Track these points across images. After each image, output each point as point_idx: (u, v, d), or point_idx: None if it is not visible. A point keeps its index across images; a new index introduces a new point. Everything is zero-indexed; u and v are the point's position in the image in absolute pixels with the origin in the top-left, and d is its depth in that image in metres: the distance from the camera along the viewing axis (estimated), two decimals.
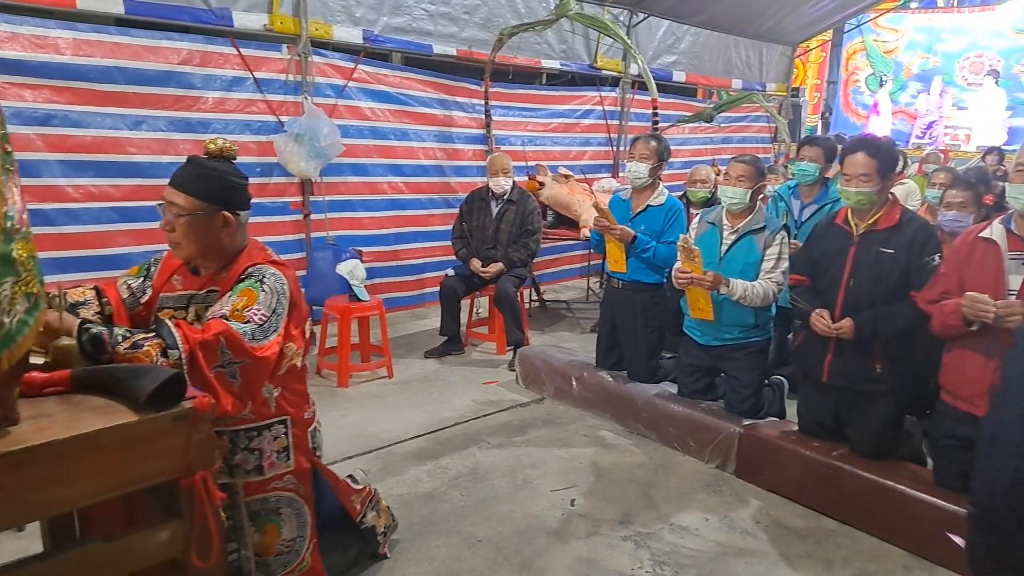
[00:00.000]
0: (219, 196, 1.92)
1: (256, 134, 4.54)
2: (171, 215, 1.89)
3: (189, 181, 1.90)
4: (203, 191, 1.90)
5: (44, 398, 1.46)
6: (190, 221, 1.89)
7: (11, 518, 1.29)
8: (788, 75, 8.97)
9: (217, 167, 1.95)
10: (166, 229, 1.92)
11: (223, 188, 1.94)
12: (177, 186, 1.90)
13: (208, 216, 1.91)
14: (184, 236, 1.90)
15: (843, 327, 2.79)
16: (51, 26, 3.72)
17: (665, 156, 3.75)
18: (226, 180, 1.95)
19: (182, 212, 1.88)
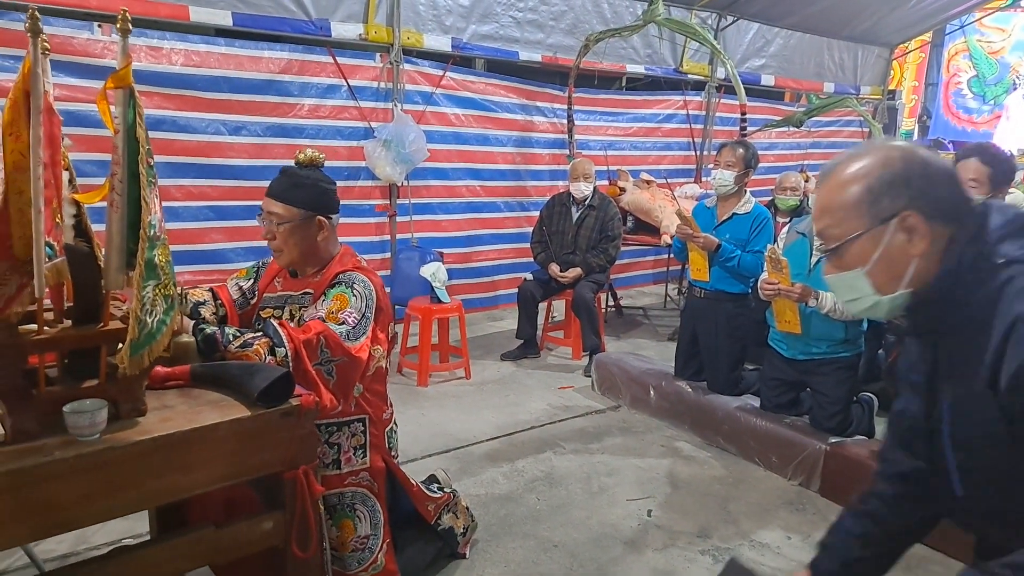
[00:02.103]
0: (313, 202, 2.03)
1: (347, 139, 4.72)
2: (271, 224, 2.01)
3: (285, 190, 2.01)
4: (299, 199, 2.01)
5: (166, 391, 1.58)
6: (289, 228, 2.00)
7: (137, 502, 1.41)
8: (884, 78, 8.59)
9: (309, 175, 2.06)
10: (267, 238, 2.03)
11: (316, 195, 2.05)
12: (275, 196, 2.02)
13: (305, 222, 2.01)
14: (284, 243, 2.01)
15: None
16: (167, 38, 3.98)
17: (752, 164, 3.68)
18: (318, 187, 2.06)
19: (282, 220, 1.99)
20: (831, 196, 1.13)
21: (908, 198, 1.08)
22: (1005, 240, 1.06)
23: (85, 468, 1.30)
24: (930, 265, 1.10)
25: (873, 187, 1.09)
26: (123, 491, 1.35)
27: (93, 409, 1.32)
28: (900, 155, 1.10)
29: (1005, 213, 1.10)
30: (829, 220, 1.14)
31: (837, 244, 1.13)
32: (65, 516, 1.31)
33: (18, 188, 1.26)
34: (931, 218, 1.08)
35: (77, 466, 1.29)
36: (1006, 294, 1.02)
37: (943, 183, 1.09)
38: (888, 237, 1.08)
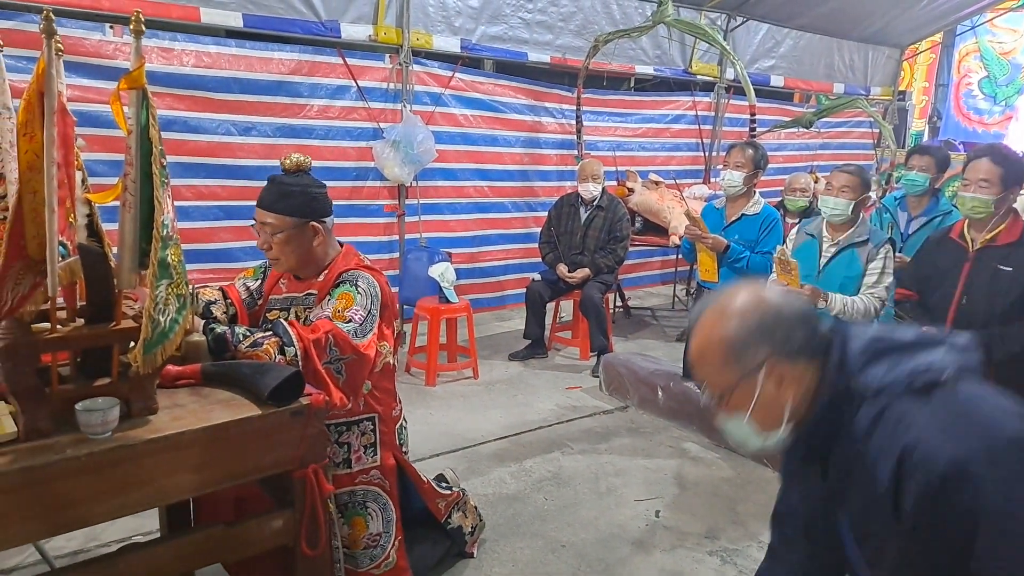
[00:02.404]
0: (304, 209, 2.01)
1: (356, 140, 4.73)
2: (266, 235, 2.00)
3: (275, 200, 2.00)
4: (289, 207, 1.99)
5: (177, 390, 1.60)
6: (284, 237, 1.99)
7: (149, 500, 1.42)
8: (895, 78, 8.53)
9: (296, 182, 2.03)
10: (263, 248, 2.03)
11: (306, 201, 2.02)
12: (265, 207, 2.00)
13: (299, 230, 2.00)
14: (281, 252, 2.01)
15: None
16: (178, 39, 4.01)
17: (762, 164, 3.67)
18: (308, 193, 2.03)
19: (275, 230, 1.98)
20: (700, 351, 1.21)
21: (769, 348, 1.14)
22: (869, 365, 1.11)
23: (97, 466, 1.31)
24: (805, 402, 1.16)
25: (734, 343, 1.15)
26: (134, 489, 1.36)
27: (105, 407, 1.34)
28: (754, 308, 1.16)
29: (862, 337, 1.16)
30: (703, 373, 1.22)
31: (718, 395, 1.20)
32: (77, 513, 1.32)
33: (32, 188, 1.27)
34: (794, 360, 1.15)
35: (89, 464, 1.30)
36: (884, 425, 1.07)
37: (797, 324, 1.16)
38: (760, 386, 1.15)
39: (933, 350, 1.11)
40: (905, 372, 1.08)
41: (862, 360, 1.12)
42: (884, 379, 1.09)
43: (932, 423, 1.03)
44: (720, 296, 1.22)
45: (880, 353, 1.12)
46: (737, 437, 1.24)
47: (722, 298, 1.21)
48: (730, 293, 1.21)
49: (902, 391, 1.08)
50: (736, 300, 1.18)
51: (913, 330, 1.18)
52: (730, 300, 1.19)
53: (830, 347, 1.17)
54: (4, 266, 1.28)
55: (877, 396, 1.09)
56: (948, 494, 0.99)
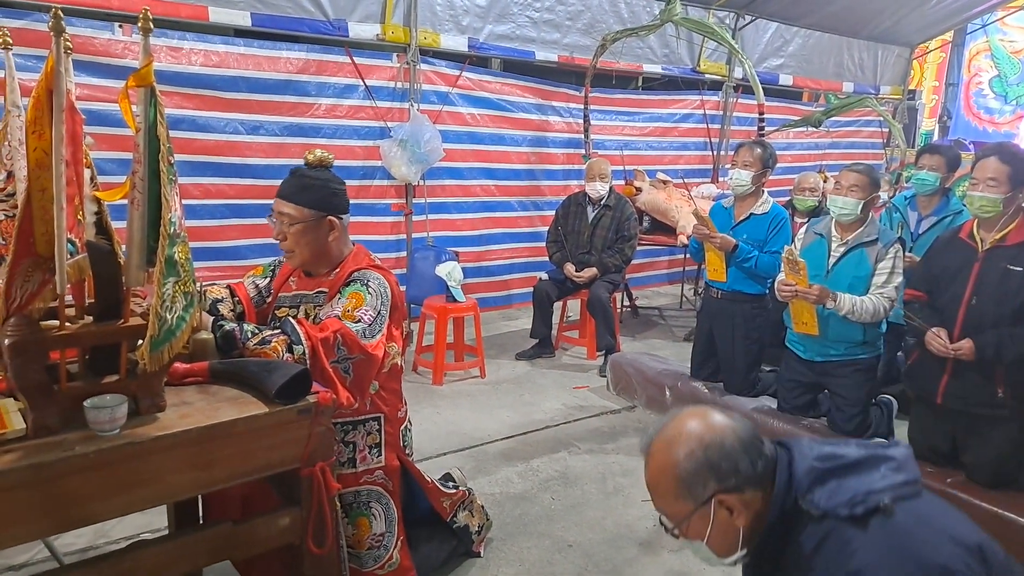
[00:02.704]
0: (323, 203, 2.03)
1: (363, 139, 4.74)
2: (283, 225, 2.01)
3: (296, 192, 2.01)
4: (309, 200, 2.01)
5: (185, 387, 1.60)
6: (301, 229, 2.00)
7: (157, 497, 1.43)
8: (904, 77, 8.49)
9: (319, 176, 2.05)
10: (279, 239, 2.04)
11: (326, 195, 2.04)
12: (285, 197, 2.02)
13: (316, 223, 2.01)
14: (296, 243, 2.02)
15: (962, 348, 2.63)
16: (186, 38, 4.02)
17: (770, 164, 3.65)
18: (328, 187, 2.06)
19: (293, 221, 2.00)
20: (654, 482, 1.25)
21: (716, 481, 1.19)
22: (815, 487, 1.16)
23: (105, 463, 1.31)
24: (757, 525, 1.21)
25: (683, 479, 1.20)
26: (143, 486, 1.36)
27: (113, 405, 1.34)
28: (698, 443, 1.20)
29: (808, 456, 1.20)
30: (659, 503, 1.26)
31: (672, 525, 1.24)
32: (86, 510, 1.32)
33: (41, 185, 1.27)
34: (742, 490, 1.19)
35: (97, 461, 1.30)
36: (828, 550, 1.12)
37: (741, 456, 1.19)
38: (712, 516, 1.19)
39: (874, 471, 1.16)
40: (846, 499, 1.13)
41: (807, 481, 1.17)
42: (827, 504, 1.13)
43: (871, 553, 1.08)
44: (669, 425, 1.26)
45: (824, 475, 1.16)
46: (700, 557, 1.28)
47: (670, 428, 1.25)
48: (677, 423, 1.25)
49: (844, 516, 1.12)
50: (682, 433, 1.22)
51: (855, 447, 1.21)
52: (678, 432, 1.23)
53: (776, 469, 1.22)
54: (13, 263, 1.28)
55: (821, 520, 1.14)
56: None
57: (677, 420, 1.26)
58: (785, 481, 1.20)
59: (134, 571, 1.39)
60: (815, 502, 1.15)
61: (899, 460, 1.19)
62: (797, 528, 1.17)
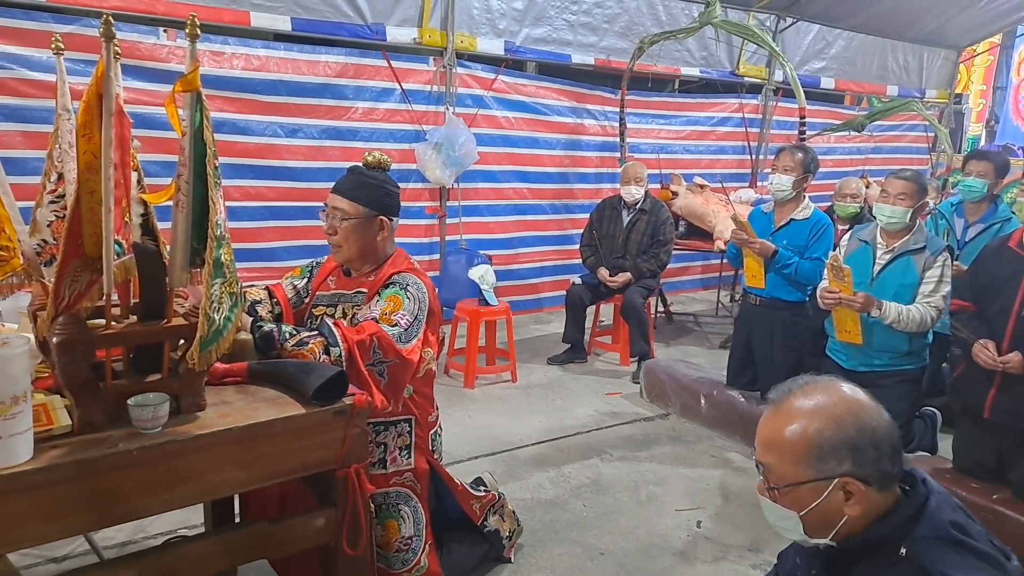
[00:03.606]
0: (378, 202, 2.06)
1: (399, 142, 4.78)
2: (335, 220, 2.04)
3: (352, 188, 2.05)
4: (364, 197, 2.04)
5: (224, 387, 1.62)
6: (352, 225, 2.03)
7: (197, 495, 1.45)
8: (951, 81, 8.27)
9: (376, 176, 2.09)
10: (329, 232, 2.06)
11: (382, 195, 2.08)
12: (341, 193, 2.05)
13: (367, 220, 2.04)
14: (345, 239, 2.04)
15: (1011, 361, 2.54)
16: (229, 43, 4.10)
17: (812, 168, 3.58)
18: (384, 188, 2.09)
19: (346, 216, 2.02)
20: (778, 436, 1.16)
21: (853, 464, 1.11)
22: (931, 546, 1.08)
23: (148, 460, 1.33)
24: (858, 525, 1.14)
25: (822, 446, 1.12)
26: (183, 483, 1.38)
27: (156, 403, 1.36)
28: (853, 419, 1.12)
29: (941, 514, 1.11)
30: (773, 459, 1.18)
31: (778, 485, 1.17)
32: (128, 506, 1.34)
33: (90, 188, 1.30)
34: (870, 485, 1.12)
35: (140, 458, 1.32)
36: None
37: (889, 455, 1.12)
38: (827, 494, 1.13)
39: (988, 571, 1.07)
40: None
41: (929, 534, 1.10)
42: (933, 566, 1.06)
43: None
44: (819, 386, 1.17)
45: (951, 543, 1.09)
46: (774, 522, 1.22)
47: (820, 389, 1.17)
48: (832, 387, 1.17)
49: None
50: (835, 399, 1.14)
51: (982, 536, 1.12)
52: (829, 396, 1.15)
53: (912, 491, 1.15)
54: (62, 263, 1.31)
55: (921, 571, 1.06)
56: None
57: (831, 384, 1.17)
58: (911, 514, 1.12)
59: (174, 567, 1.41)
60: (924, 558, 1.07)
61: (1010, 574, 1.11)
62: (886, 558, 1.11)
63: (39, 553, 2.37)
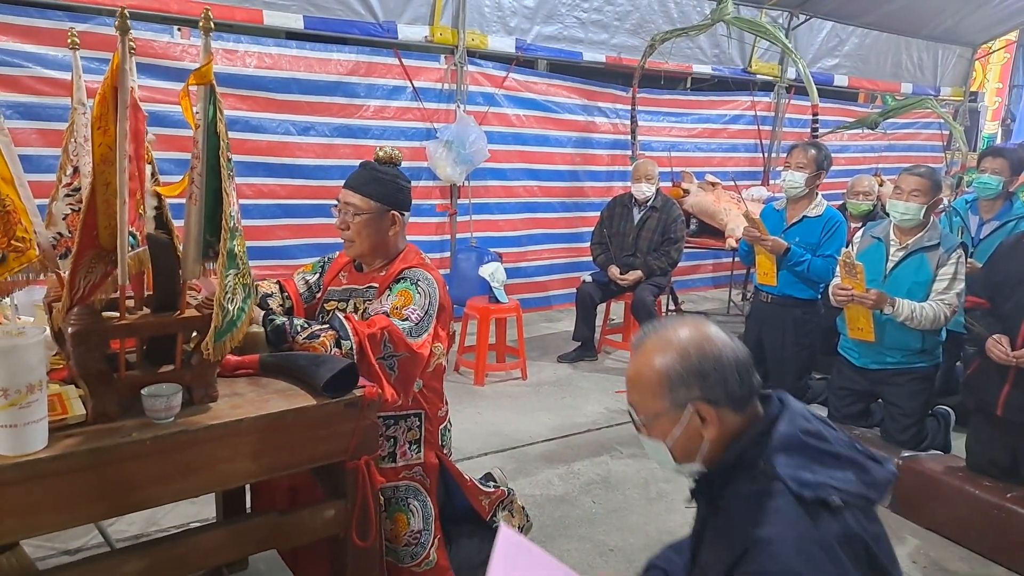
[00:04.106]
0: (389, 197, 2.07)
1: (410, 140, 4.79)
2: (347, 215, 2.05)
3: (364, 184, 2.06)
4: (376, 192, 2.05)
5: (236, 379, 1.63)
6: (364, 220, 2.04)
7: (209, 484, 1.46)
8: (966, 79, 8.19)
9: (387, 171, 2.10)
10: (341, 227, 2.07)
11: (393, 190, 2.09)
12: (353, 188, 2.06)
13: (379, 215, 2.05)
14: (357, 234, 2.05)
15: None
16: (241, 41, 4.12)
17: (825, 165, 3.57)
18: (396, 183, 2.10)
19: (358, 212, 2.03)
20: (637, 375, 1.26)
21: (700, 390, 1.20)
22: (781, 452, 1.16)
23: (160, 450, 1.34)
24: (719, 447, 1.23)
25: (671, 377, 1.21)
26: (195, 473, 1.39)
27: (169, 393, 1.37)
28: (696, 349, 1.21)
29: (792, 423, 1.19)
30: (636, 396, 1.28)
31: (641, 418, 1.27)
32: (141, 495, 1.36)
33: (105, 180, 1.31)
34: (721, 407, 1.20)
35: (153, 448, 1.33)
36: (759, 509, 1.13)
37: (732, 375, 1.20)
38: (684, 421, 1.22)
39: (844, 470, 1.15)
40: (805, 478, 1.13)
41: (780, 444, 1.17)
42: (784, 471, 1.14)
43: (790, 531, 1.08)
44: (668, 326, 1.27)
45: (800, 448, 1.16)
46: (653, 457, 1.31)
47: (669, 328, 1.26)
48: (678, 325, 1.26)
49: (792, 490, 1.12)
50: (681, 334, 1.23)
51: (846, 445, 1.20)
52: (676, 333, 1.24)
53: (760, 410, 1.24)
54: (77, 255, 1.32)
55: (771, 481, 1.14)
56: None
57: (678, 324, 1.26)
58: (762, 430, 1.20)
59: (186, 556, 1.43)
60: (775, 464, 1.15)
61: (875, 476, 1.18)
62: (748, 474, 1.18)
63: (52, 546, 2.40)
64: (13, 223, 1.33)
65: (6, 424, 1.21)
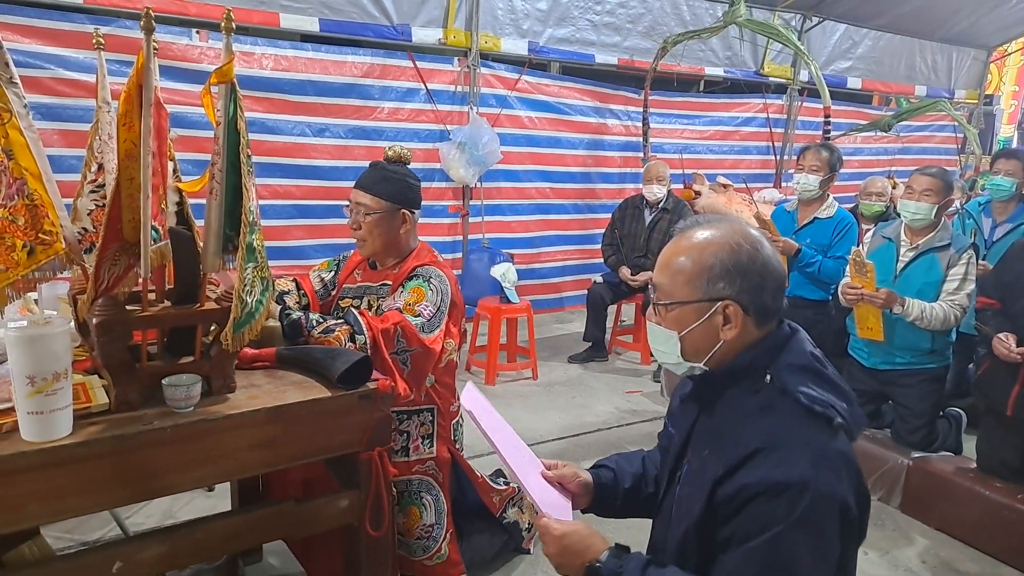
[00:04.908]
0: (399, 196, 2.11)
1: (423, 141, 4.84)
2: (358, 214, 2.09)
3: (375, 183, 2.10)
4: (386, 192, 2.09)
5: (253, 371, 1.67)
6: (376, 219, 2.07)
7: (226, 472, 1.50)
8: (980, 81, 8.14)
9: (397, 170, 2.14)
10: (353, 227, 2.11)
11: (403, 189, 2.12)
12: (364, 188, 2.10)
13: (390, 214, 2.09)
14: (369, 233, 2.09)
15: None
16: (258, 43, 4.19)
17: (837, 167, 3.57)
18: (405, 182, 2.14)
19: (369, 211, 2.07)
20: (676, 257, 1.23)
21: (738, 290, 1.18)
22: (792, 371, 1.17)
23: (180, 438, 1.38)
24: (730, 353, 1.22)
25: (715, 268, 1.19)
26: (213, 461, 1.43)
27: (189, 383, 1.41)
28: (749, 249, 1.19)
29: (803, 346, 1.22)
30: (666, 278, 1.24)
31: (666, 302, 1.24)
32: (161, 481, 1.40)
33: (129, 175, 1.36)
34: (748, 314, 1.19)
35: (173, 435, 1.37)
36: (769, 417, 1.14)
37: (772, 290, 1.20)
38: (709, 315, 1.20)
39: (844, 400, 1.18)
40: (815, 395, 1.15)
41: (792, 363, 1.19)
42: (796, 387, 1.15)
43: (798, 442, 1.11)
44: (727, 221, 1.25)
45: (808, 369, 1.18)
46: (657, 345, 1.28)
47: (724, 223, 1.24)
48: (732, 223, 1.24)
49: (802, 404, 1.14)
50: (736, 231, 1.21)
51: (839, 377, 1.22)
52: (731, 228, 1.22)
53: (780, 331, 1.24)
54: (102, 248, 1.37)
55: (780, 394, 1.16)
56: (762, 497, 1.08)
57: (737, 223, 1.24)
58: (780, 344, 1.21)
59: (204, 541, 1.46)
60: (786, 379, 1.16)
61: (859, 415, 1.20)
62: (753, 386, 1.19)
63: (72, 537, 2.46)
64: (41, 217, 1.37)
65: (33, 411, 1.26)
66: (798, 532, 1.05)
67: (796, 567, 1.06)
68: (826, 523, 1.07)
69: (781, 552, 1.06)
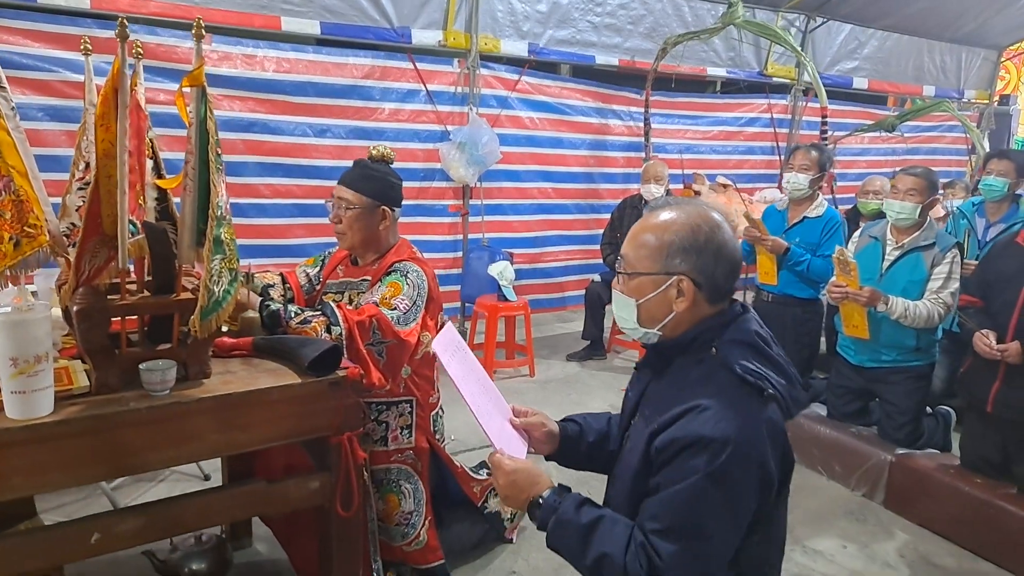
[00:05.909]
0: (380, 193, 2.19)
1: (424, 142, 4.91)
2: (340, 209, 2.18)
3: (356, 180, 2.18)
4: (367, 188, 2.17)
5: (230, 359, 1.76)
6: (356, 214, 2.16)
7: (200, 452, 1.58)
8: (991, 81, 8.07)
9: (379, 169, 2.22)
10: (334, 221, 2.21)
11: (384, 187, 2.21)
12: (346, 184, 2.19)
13: (370, 210, 2.17)
14: (349, 227, 2.18)
15: (1009, 349, 2.55)
16: (260, 46, 4.29)
17: (827, 167, 3.60)
18: (387, 180, 2.22)
19: (350, 206, 2.16)
20: (643, 233, 1.34)
21: (693, 266, 1.28)
22: (734, 346, 1.27)
23: (156, 419, 1.47)
24: (682, 325, 1.32)
25: (674, 244, 1.29)
26: (187, 442, 1.52)
27: (164, 368, 1.50)
28: (707, 230, 1.28)
29: (748, 324, 1.31)
30: (631, 250, 1.35)
31: (628, 271, 1.34)
32: (138, 460, 1.49)
33: (107, 172, 1.45)
34: (700, 290, 1.29)
35: (149, 417, 1.46)
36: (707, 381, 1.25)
37: (724, 270, 1.29)
38: (664, 287, 1.30)
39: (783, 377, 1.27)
40: (750, 367, 1.24)
41: (735, 338, 1.28)
42: (735, 359, 1.25)
43: (728, 404, 1.20)
44: (690, 204, 1.35)
45: (749, 345, 1.28)
46: (619, 311, 1.39)
47: (690, 206, 1.34)
48: (699, 207, 1.34)
49: (736, 373, 1.23)
50: (699, 214, 1.31)
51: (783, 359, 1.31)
52: (695, 211, 1.31)
53: (730, 310, 1.34)
54: (83, 240, 1.46)
55: (720, 365, 1.26)
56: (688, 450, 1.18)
57: (705, 207, 1.34)
58: (723, 322, 1.31)
59: (179, 517, 1.55)
60: (727, 353, 1.26)
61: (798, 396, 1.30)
62: (699, 356, 1.30)
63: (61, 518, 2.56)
64: (26, 211, 1.46)
65: (16, 390, 1.35)
66: (713, 484, 1.15)
67: (705, 516, 1.17)
68: (742, 480, 1.18)
69: (694, 501, 1.16)
